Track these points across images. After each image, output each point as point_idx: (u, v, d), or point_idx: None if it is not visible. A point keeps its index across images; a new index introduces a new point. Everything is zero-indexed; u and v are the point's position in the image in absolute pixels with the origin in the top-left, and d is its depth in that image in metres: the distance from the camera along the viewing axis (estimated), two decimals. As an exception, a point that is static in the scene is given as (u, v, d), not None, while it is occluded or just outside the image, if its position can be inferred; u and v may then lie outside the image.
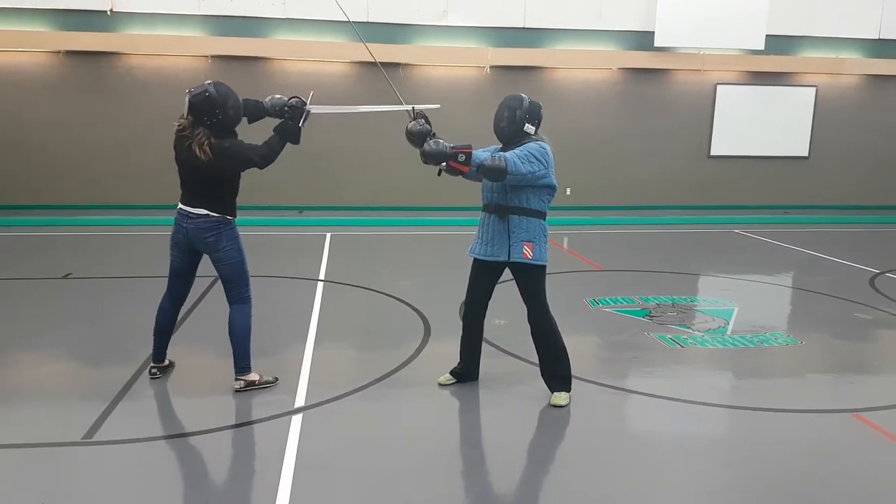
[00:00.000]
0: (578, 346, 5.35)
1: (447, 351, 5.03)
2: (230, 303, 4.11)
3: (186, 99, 3.82)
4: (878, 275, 7.78)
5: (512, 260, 3.97)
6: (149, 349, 4.44)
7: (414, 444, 3.56)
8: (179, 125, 3.87)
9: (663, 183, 12.76)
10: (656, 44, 11.94)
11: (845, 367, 4.97)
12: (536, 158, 3.83)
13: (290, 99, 4.10)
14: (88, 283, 6.80)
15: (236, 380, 4.12)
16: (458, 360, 4.39)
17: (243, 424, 3.74)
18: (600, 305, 6.28)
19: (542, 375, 4.19)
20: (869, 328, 5.89)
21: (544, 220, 4.04)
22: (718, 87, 12.64)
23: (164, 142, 13.26)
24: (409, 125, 3.83)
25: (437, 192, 12.03)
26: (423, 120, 3.83)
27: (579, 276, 7.55)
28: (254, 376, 4.15)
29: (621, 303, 6.35)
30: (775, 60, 12.46)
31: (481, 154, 3.80)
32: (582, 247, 9.38)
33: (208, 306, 5.84)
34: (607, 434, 3.77)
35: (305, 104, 4.10)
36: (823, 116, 13.01)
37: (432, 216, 11.35)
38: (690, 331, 5.59)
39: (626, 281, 7.33)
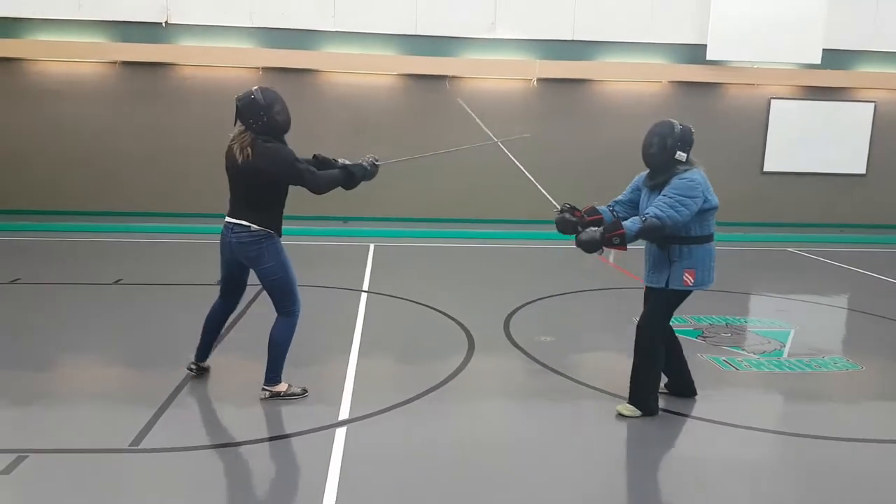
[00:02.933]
0: (628, 366, 5.21)
1: (491, 366, 4.98)
2: (277, 313, 4.12)
3: (235, 106, 3.87)
4: (942, 299, 7.42)
5: (671, 287, 3.92)
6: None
7: (456, 460, 3.50)
8: (232, 136, 3.93)
9: (713, 199, 12.44)
10: (708, 57, 11.71)
11: (910, 396, 4.73)
12: (687, 196, 3.75)
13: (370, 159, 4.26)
14: (138, 290, 6.94)
15: (263, 389, 4.12)
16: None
17: (288, 436, 3.73)
18: (649, 324, 6.10)
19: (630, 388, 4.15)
20: (934, 355, 5.60)
21: (710, 241, 3.97)
22: (773, 101, 12.32)
23: (216, 151, 13.47)
24: (556, 218, 4.00)
25: (481, 203, 12.01)
26: (569, 209, 3.98)
27: (629, 294, 7.38)
28: (281, 387, 4.14)
29: (674, 322, 6.10)
30: (832, 75, 12.09)
31: (632, 227, 3.72)
32: (632, 263, 9.18)
33: (256, 314, 5.89)
34: (654, 457, 3.65)
35: (378, 165, 4.28)
36: (882, 133, 12.54)
37: (476, 228, 11.31)
38: (745, 353, 5.40)
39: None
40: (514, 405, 4.30)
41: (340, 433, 3.74)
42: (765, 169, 12.53)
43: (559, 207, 4.05)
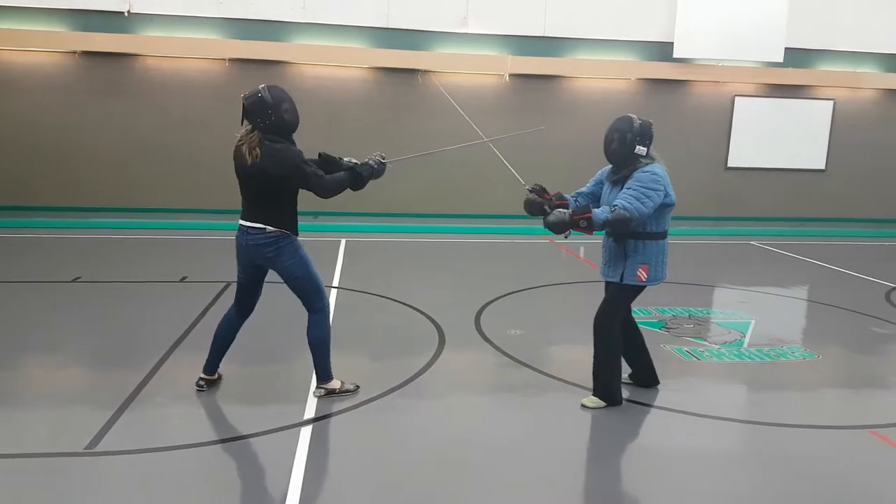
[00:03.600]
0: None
1: (461, 360, 5.02)
2: (307, 311, 4.09)
3: (242, 105, 3.80)
4: (894, 289, 7.68)
5: (625, 282, 4.01)
6: (156, 356, 4.41)
7: (426, 456, 3.52)
8: (239, 136, 3.86)
9: (681, 194, 12.51)
10: (675, 55, 11.88)
11: (862, 382, 4.90)
12: (652, 189, 3.84)
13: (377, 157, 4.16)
14: (97, 287, 6.80)
15: (317, 388, 4.14)
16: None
17: (251, 436, 3.68)
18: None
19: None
20: (885, 343, 5.80)
21: (664, 238, 4.08)
22: (737, 98, 12.55)
23: (179, 144, 13.33)
24: (526, 198, 4.04)
25: (453, 198, 12.04)
26: (538, 189, 4.04)
27: (596, 287, 7.47)
28: (335, 384, 4.15)
29: (637, 314, 6.27)
30: (794, 73, 12.37)
31: (601, 214, 3.79)
32: (598, 257, 9.31)
33: (218, 313, 5.82)
34: (619, 447, 3.73)
35: (385, 163, 4.19)
36: (841, 130, 12.89)
37: (448, 223, 11.33)
38: (707, 343, 5.53)
39: (642, 292, 7.23)
40: (483, 399, 4.34)
41: (306, 432, 3.72)
42: (729, 164, 12.78)
43: (529, 187, 4.09)
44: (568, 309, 6.59)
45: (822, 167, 13.04)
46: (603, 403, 4.15)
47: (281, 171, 3.76)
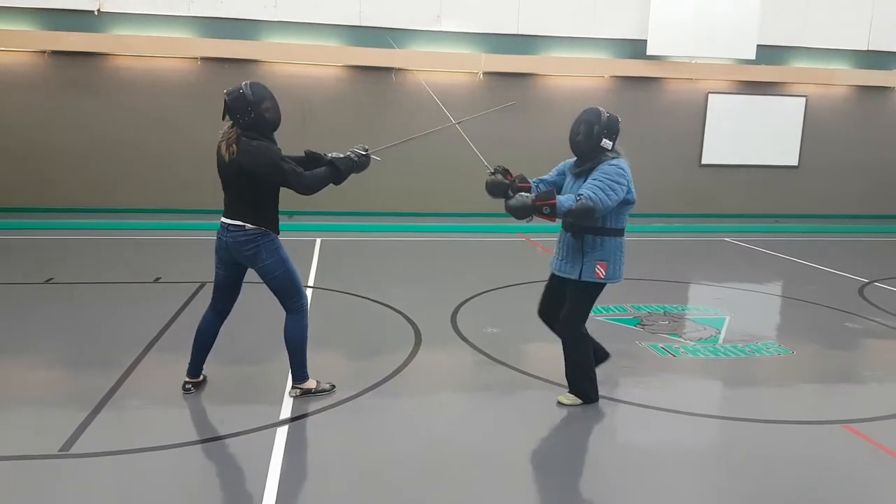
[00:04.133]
0: (570, 356, 5.30)
1: (437, 359, 4.98)
2: (285, 311, 4.05)
3: (224, 101, 3.76)
4: (866, 284, 7.79)
5: (583, 279, 3.94)
6: (130, 357, 4.35)
7: (403, 456, 3.48)
8: (222, 132, 3.81)
9: (655, 191, 12.73)
10: (649, 52, 11.96)
11: (836, 378, 4.95)
12: (617, 182, 3.78)
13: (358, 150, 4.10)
14: (70, 289, 6.67)
15: (293, 388, 4.10)
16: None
17: (226, 437, 3.64)
18: (592, 314, 6.21)
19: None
20: (859, 338, 5.87)
21: (622, 236, 4.01)
22: (710, 95, 12.68)
23: (151, 144, 13.12)
24: (488, 179, 3.95)
25: (428, 198, 12.00)
26: (501, 171, 3.97)
27: (570, 284, 7.49)
28: (310, 384, 4.11)
29: (613, 311, 6.30)
30: (766, 70, 12.52)
31: (565, 201, 3.71)
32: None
33: (195, 312, 5.73)
34: (596, 444, 3.72)
35: (368, 155, 4.12)
36: (813, 126, 13.08)
37: (423, 222, 11.29)
38: (682, 340, 5.55)
39: (617, 289, 7.22)
40: (459, 397, 4.31)
41: (282, 432, 3.68)
42: (703, 161, 12.91)
43: (492, 169, 4.02)
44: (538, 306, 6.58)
45: (795, 163, 13.22)
46: (579, 401, 4.15)
47: (257, 168, 3.71)
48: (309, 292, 6.68)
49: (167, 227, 10.12)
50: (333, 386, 4.21)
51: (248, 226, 3.82)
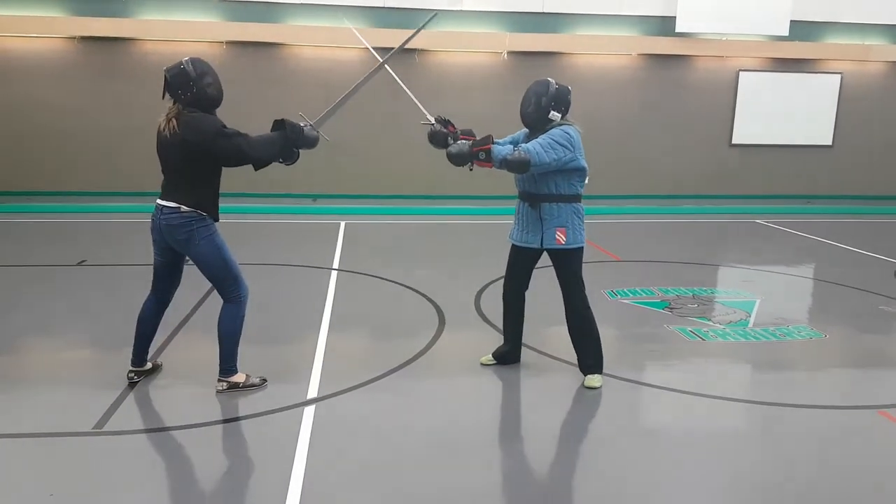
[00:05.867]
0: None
1: (461, 341, 4.98)
2: (222, 300, 3.89)
3: (164, 78, 3.63)
4: (903, 266, 7.60)
5: (545, 247, 4.02)
6: (161, 337, 4.40)
7: (425, 436, 3.50)
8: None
9: (684, 171, 12.55)
10: (678, 29, 11.69)
11: (870, 362, 4.83)
12: (560, 144, 3.84)
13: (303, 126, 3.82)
14: (102, 270, 6.79)
15: (219, 381, 3.92)
16: (502, 342, 4.49)
17: (256, 415, 3.69)
18: (619, 297, 6.16)
19: (578, 360, 4.22)
20: (893, 321, 5.73)
21: (578, 202, 4.07)
22: (741, 73, 12.37)
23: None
24: (429, 131, 4.02)
25: (450, 181, 11.94)
26: (442, 121, 4.03)
27: (597, 267, 7.42)
28: (238, 377, 3.94)
29: (640, 294, 6.23)
30: (799, 47, 12.16)
31: (502, 149, 3.80)
32: (599, 236, 9.23)
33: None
34: (624, 428, 3.68)
35: (306, 127, 3.82)
36: (848, 104, 12.70)
37: (446, 205, 11.26)
38: (711, 323, 5.47)
39: (645, 272, 7.20)
40: (483, 380, 4.30)
41: (309, 412, 3.71)
42: (733, 141, 12.63)
43: (432, 120, 4.06)
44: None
45: (829, 143, 12.87)
46: (601, 377, 4.17)
47: (201, 137, 3.55)
48: (334, 275, 6.71)
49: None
50: (265, 380, 4.02)
51: (184, 208, 3.65)
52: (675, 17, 11.65)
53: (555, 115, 3.94)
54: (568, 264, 4.09)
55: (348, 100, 4.25)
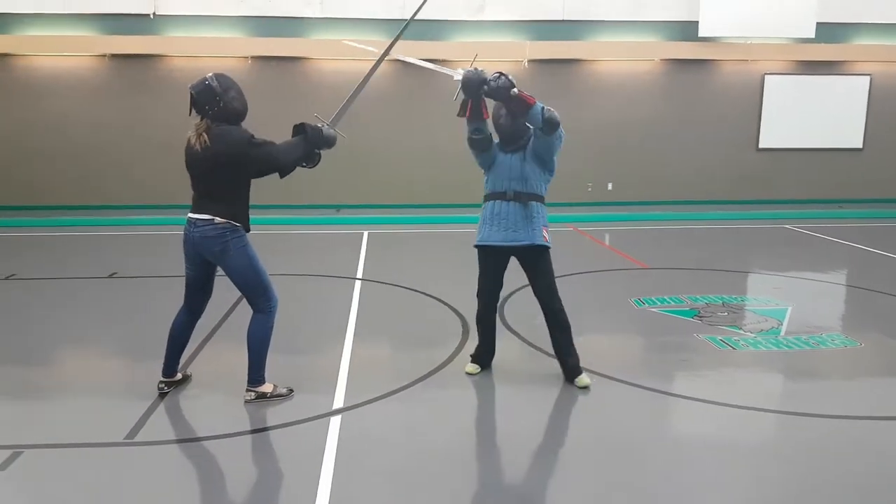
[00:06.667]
0: (623, 348, 5.21)
1: (487, 352, 4.94)
2: (252, 310, 3.96)
3: (190, 95, 3.72)
4: (940, 272, 7.40)
5: (536, 243, 4.10)
6: (190, 348, 4.43)
7: (452, 447, 3.47)
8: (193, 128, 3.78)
9: (710, 177, 12.41)
10: (700, 34, 11.61)
11: (908, 371, 4.71)
12: (560, 139, 4.06)
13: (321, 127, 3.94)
14: (133, 282, 6.90)
15: (247, 391, 3.96)
16: (478, 344, 4.54)
17: (283, 426, 3.70)
18: (646, 305, 6.08)
19: (562, 362, 4.28)
20: (933, 329, 5.57)
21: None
22: (766, 77, 12.23)
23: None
24: (463, 77, 4.01)
25: (473, 190, 11.95)
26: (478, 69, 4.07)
27: (623, 275, 7.35)
28: (266, 387, 3.98)
29: (668, 302, 6.15)
30: (826, 49, 11.99)
31: (541, 105, 3.92)
32: (625, 243, 9.16)
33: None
34: (653, 439, 3.62)
35: (324, 127, 3.94)
36: (878, 106, 12.47)
37: (472, 213, 11.24)
38: (742, 332, 5.37)
39: (672, 279, 7.11)
40: (508, 390, 4.27)
41: (335, 422, 3.71)
42: (760, 145, 12.47)
43: (461, 71, 4.07)
44: (593, 297, 6.48)
45: (860, 146, 12.65)
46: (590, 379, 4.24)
47: (233, 148, 3.65)
48: (357, 284, 6.74)
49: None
50: (292, 390, 4.06)
51: (218, 219, 3.72)
52: (697, 21, 11.57)
53: (514, 91, 3.88)
54: (549, 263, 4.22)
55: (357, 95, 4.41)
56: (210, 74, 3.74)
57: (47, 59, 11.13)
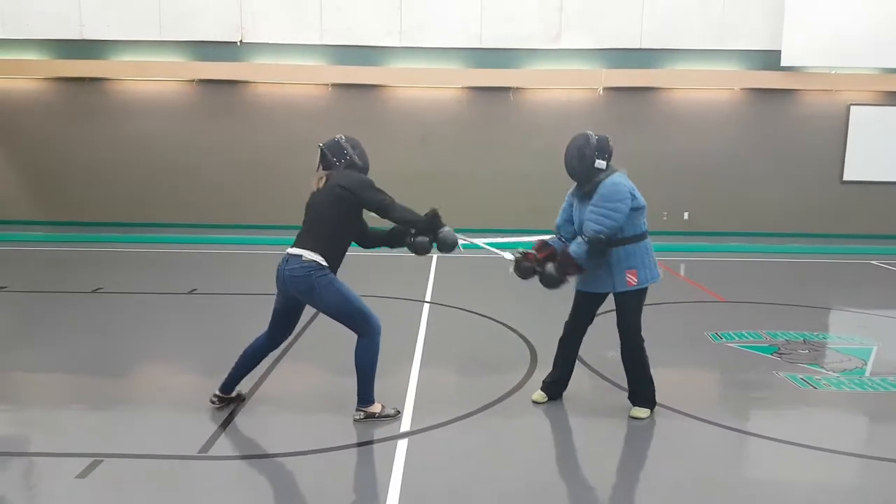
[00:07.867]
0: (699, 383, 5.06)
1: (555, 381, 4.89)
2: (357, 336, 4.07)
3: (319, 150, 4.05)
4: None
5: (617, 290, 4.09)
6: (264, 365, 4.57)
7: (516, 476, 3.45)
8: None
9: (790, 209, 11.96)
10: (783, 63, 11.28)
11: None
12: (616, 201, 3.95)
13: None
14: (211, 299, 7.19)
15: (356, 410, 4.08)
16: (553, 370, 4.50)
17: (352, 446, 3.77)
18: (723, 340, 5.90)
19: (630, 393, 4.27)
20: None
21: (645, 239, 4.13)
22: (852, 108, 11.74)
23: (288, 164, 13.87)
24: (516, 266, 4.38)
25: (545, 214, 11.91)
26: (520, 255, 4.39)
27: (699, 308, 7.15)
28: (375, 408, 4.08)
29: (747, 338, 5.94)
30: (917, 79, 11.43)
31: (578, 249, 3.99)
32: (701, 275, 8.91)
33: (328, 325, 5.99)
34: (730, 478, 3.49)
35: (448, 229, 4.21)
36: (974, 138, 11.75)
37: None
38: (824, 371, 5.13)
39: (751, 314, 6.86)
40: (576, 422, 4.21)
41: (402, 445, 3.75)
42: (845, 178, 11.94)
43: (513, 258, 4.32)
44: (670, 330, 6.31)
45: (952, 180, 11.93)
46: (649, 411, 4.19)
47: (351, 183, 3.89)
48: (426, 307, 6.81)
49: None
50: (398, 411, 4.15)
51: (307, 255, 3.84)
52: (780, 50, 11.26)
53: (600, 163, 4.03)
54: (637, 305, 4.13)
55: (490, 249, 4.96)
56: (340, 134, 4.13)
57: (140, 84, 11.83)
